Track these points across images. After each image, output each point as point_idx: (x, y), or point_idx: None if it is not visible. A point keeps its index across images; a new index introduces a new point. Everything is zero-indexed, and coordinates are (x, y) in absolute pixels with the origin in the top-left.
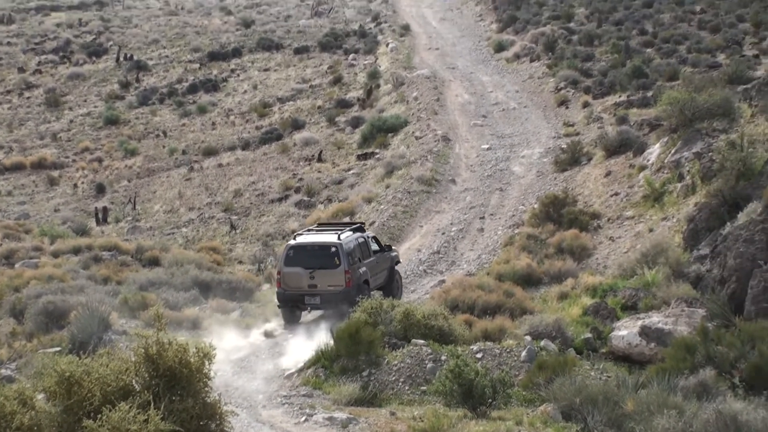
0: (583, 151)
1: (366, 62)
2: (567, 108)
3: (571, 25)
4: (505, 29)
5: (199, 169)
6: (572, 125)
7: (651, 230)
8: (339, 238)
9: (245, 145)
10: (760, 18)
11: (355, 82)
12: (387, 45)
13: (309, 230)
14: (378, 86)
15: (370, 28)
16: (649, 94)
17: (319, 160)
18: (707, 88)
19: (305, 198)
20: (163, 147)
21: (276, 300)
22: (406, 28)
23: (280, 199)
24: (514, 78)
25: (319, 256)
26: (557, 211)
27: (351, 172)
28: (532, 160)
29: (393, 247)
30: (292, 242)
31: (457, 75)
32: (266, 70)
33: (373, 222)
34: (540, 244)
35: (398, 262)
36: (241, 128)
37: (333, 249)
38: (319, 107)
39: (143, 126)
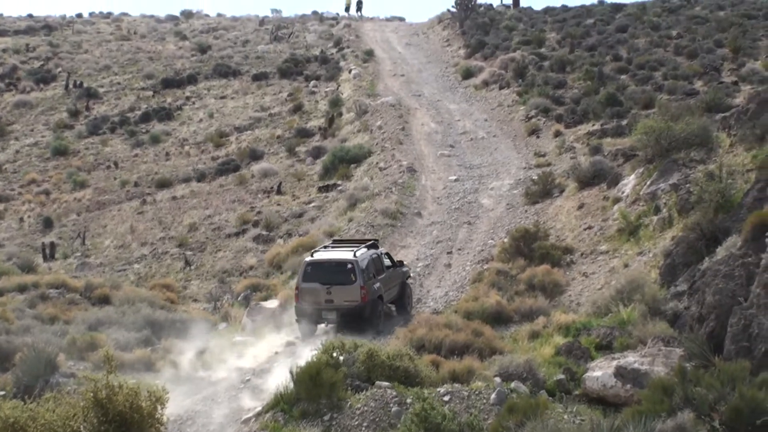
0: (554, 183)
1: (328, 89)
2: (538, 137)
3: (542, 50)
4: (473, 55)
5: (152, 202)
6: (543, 155)
7: (626, 265)
8: (355, 255)
9: (201, 177)
10: (738, 43)
11: (316, 111)
12: (350, 71)
13: (325, 247)
14: (340, 115)
15: (332, 54)
16: (624, 122)
17: (279, 192)
18: (684, 116)
19: (264, 232)
20: (114, 179)
21: (294, 314)
22: (369, 54)
23: (237, 234)
24: (483, 106)
25: (335, 273)
26: (528, 246)
27: (312, 204)
28: (501, 192)
29: (404, 263)
30: (309, 259)
31: (423, 103)
32: (223, 97)
33: None
34: (510, 280)
35: (409, 276)
36: (197, 159)
37: (349, 266)
38: (278, 137)
39: (93, 157)
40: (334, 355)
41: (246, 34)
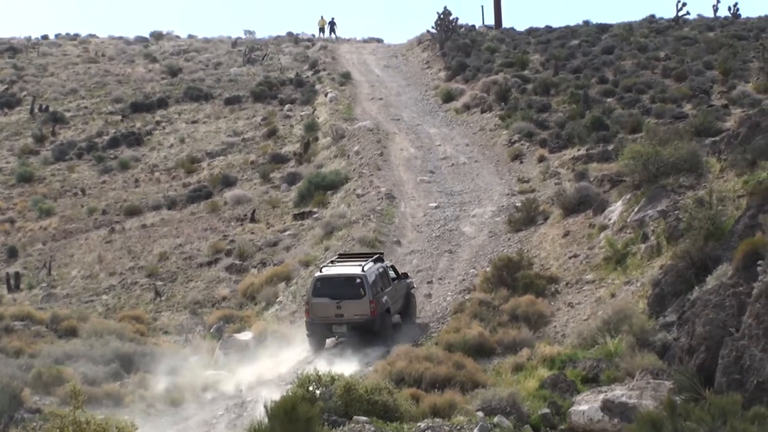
0: (539, 210)
1: (303, 113)
2: (521, 163)
3: (526, 72)
4: (454, 77)
5: (121, 230)
6: (527, 181)
7: (613, 295)
8: (363, 270)
9: (171, 204)
10: (728, 65)
11: (291, 135)
12: (326, 94)
13: (332, 262)
14: (316, 139)
15: (308, 77)
16: (610, 147)
17: (252, 220)
18: (673, 140)
19: (237, 261)
20: (82, 206)
21: (305, 329)
22: (346, 77)
23: (209, 263)
24: (464, 130)
25: (345, 287)
26: (511, 275)
27: (287, 233)
28: (483, 219)
29: (408, 274)
30: (319, 274)
31: (403, 127)
32: (194, 122)
33: None
34: (493, 311)
35: (413, 287)
36: (167, 185)
37: (358, 280)
38: (252, 162)
39: (60, 183)
40: (310, 388)
41: (218, 57)
